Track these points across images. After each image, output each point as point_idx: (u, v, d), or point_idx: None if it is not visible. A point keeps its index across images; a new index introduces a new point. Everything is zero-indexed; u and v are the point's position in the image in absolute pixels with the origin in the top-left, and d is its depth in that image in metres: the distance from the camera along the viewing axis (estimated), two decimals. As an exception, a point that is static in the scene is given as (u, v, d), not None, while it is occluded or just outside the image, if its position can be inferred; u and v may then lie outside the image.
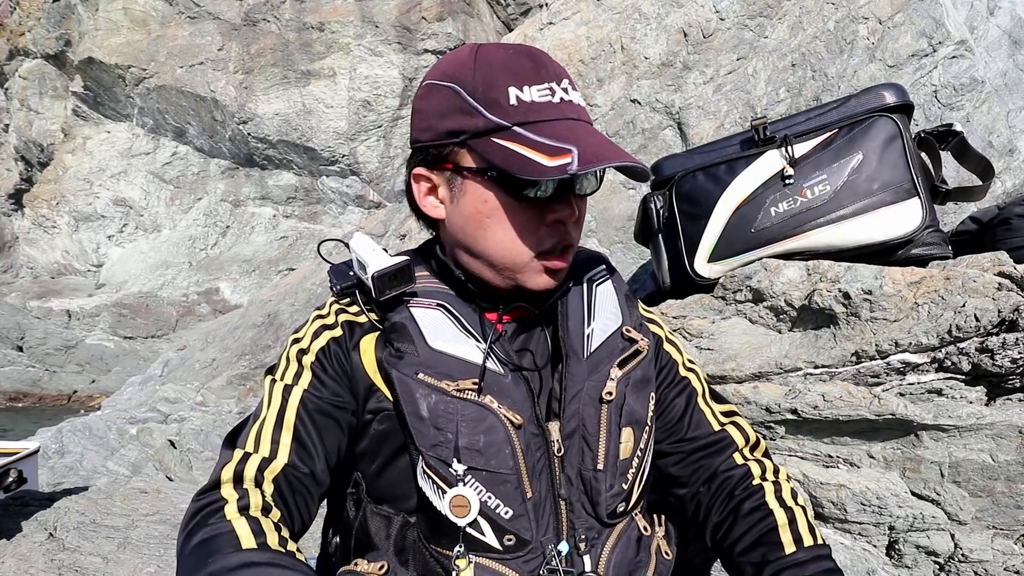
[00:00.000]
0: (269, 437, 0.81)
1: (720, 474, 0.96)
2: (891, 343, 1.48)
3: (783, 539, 0.86)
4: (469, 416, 0.80)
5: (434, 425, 0.80)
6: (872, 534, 1.50)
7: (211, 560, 0.68)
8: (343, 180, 14.54)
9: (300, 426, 0.82)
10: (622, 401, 0.87)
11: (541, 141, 0.79)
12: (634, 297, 1.01)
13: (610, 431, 0.85)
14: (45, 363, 13.38)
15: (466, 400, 0.80)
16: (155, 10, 14.88)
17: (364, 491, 0.87)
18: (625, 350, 0.91)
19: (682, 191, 1.87)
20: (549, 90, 0.81)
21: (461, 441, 0.79)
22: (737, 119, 2.84)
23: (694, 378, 1.02)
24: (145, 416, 5.60)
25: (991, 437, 1.41)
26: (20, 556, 2.26)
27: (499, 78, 0.81)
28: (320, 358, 0.86)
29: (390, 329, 0.85)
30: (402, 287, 0.86)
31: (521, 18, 13.05)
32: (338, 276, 0.93)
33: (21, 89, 16.14)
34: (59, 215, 15.86)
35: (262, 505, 0.75)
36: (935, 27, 2.35)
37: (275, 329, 6.45)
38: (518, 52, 0.84)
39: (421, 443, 0.80)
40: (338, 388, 0.85)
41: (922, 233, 1.62)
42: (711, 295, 1.85)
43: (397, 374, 0.82)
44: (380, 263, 0.86)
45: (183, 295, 14.75)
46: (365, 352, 0.86)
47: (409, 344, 0.83)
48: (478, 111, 0.81)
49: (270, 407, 0.83)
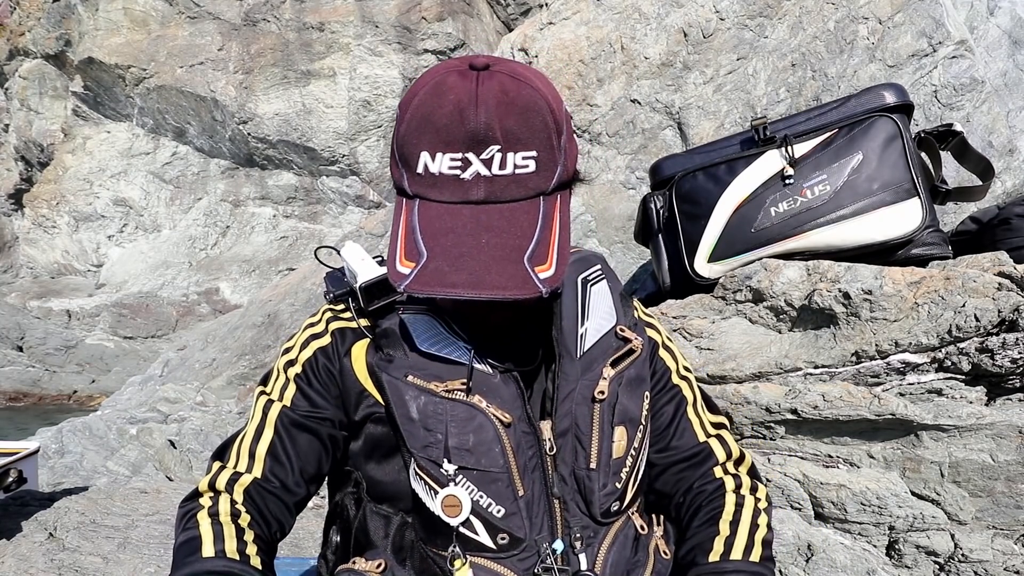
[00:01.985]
0: (247, 451, 0.86)
1: (695, 488, 0.95)
2: (891, 343, 1.48)
3: (715, 547, 0.87)
4: (458, 416, 0.81)
5: (424, 426, 0.81)
6: (872, 534, 1.50)
7: (185, 561, 0.77)
8: (343, 180, 14.53)
9: (276, 440, 0.86)
10: (614, 400, 0.87)
11: (414, 231, 0.75)
12: (629, 298, 1.01)
13: (603, 430, 0.85)
14: (45, 363, 13.38)
15: (455, 400, 0.81)
16: (155, 10, 14.87)
17: (364, 490, 0.89)
18: (619, 349, 0.91)
19: (682, 191, 1.87)
20: (462, 162, 0.74)
21: (451, 441, 0.80)
22: (737, 119, 2.84)
23: (686, 387, 1.00)
24: (145, 416, 5.60)
25: (991, 437, 1.41)
26: (20, 556, 2.26)
27: (420, 137, 0.75)
28: (306, 370, 0.88)
29: (380, 335, 0.86)
30: (391, 296, 0.87)
31: (521, 18, 13.04)
32: (334, 283, 0.94)
33: (21, 89, 16.14)
34: (59, 215, 15.86)
35: (231, 511, 0.82)
36: (935, 27, 2.35)
37: (275, 329, 6.45)
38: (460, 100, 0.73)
39: (412, 445, 0.81)
40: (321, 400, 0.88)
41: (922, 233, 1.62)
42: (711, 295, 1.85)
43: (387, 378, 0.83)
44: (368, 274, 0.87)
45: (183, 295, 14.74)
46: (356, 359, 0.88)
47: (399, 349, 0.84)
48: (396, 164, 0.80)
49: (252, 421, 0.88)
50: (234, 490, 0.84)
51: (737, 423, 1.62)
